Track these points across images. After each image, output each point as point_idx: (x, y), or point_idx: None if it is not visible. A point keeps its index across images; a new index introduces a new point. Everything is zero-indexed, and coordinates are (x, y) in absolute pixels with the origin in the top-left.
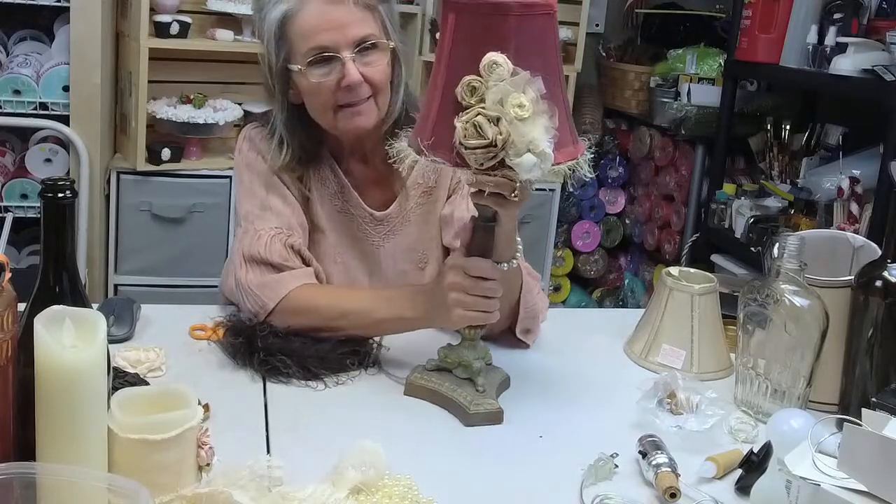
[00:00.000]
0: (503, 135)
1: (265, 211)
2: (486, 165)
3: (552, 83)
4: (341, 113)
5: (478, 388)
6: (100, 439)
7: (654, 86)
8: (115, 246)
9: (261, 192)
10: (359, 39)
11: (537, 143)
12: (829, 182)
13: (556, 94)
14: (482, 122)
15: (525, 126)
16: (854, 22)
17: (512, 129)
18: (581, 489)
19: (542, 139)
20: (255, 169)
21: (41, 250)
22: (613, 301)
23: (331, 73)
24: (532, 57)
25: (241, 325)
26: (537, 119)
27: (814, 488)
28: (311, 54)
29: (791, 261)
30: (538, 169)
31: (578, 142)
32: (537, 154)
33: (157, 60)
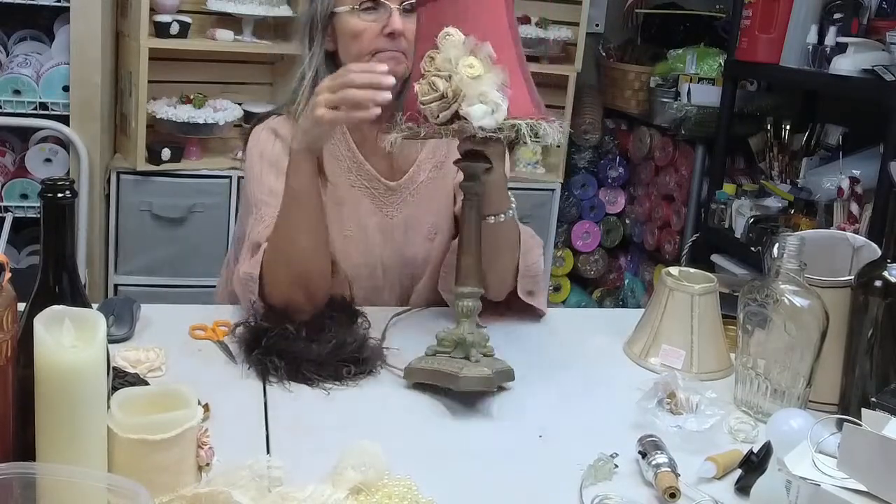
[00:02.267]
0: (454, 87)
1: (273, 197)
2: (443, 119)
3: (505, 54)
4: (376, 57)
5: (471, 357)
6: (100, 439)
7: (654, 86)
8: (115, 246)
9: (269, 179)
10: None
11: (488, 94)
12: (829, 182)
13: (511, 64)
14: (436, 80)
15: (476, 81)
16: (854, 22)
17: (463, 85)
18: (581, 489)
19: (491, 92)
20: (267, 156)
21: (41, 250)
22: (613, 301)
23: (376, 21)
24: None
25: (253, 321)
26: (488, 76)
27: (814, 488)
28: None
29: (791, 261)
30: (491, 118)
31: (543, 112)
32: (489, 104)
33: (157, 60)
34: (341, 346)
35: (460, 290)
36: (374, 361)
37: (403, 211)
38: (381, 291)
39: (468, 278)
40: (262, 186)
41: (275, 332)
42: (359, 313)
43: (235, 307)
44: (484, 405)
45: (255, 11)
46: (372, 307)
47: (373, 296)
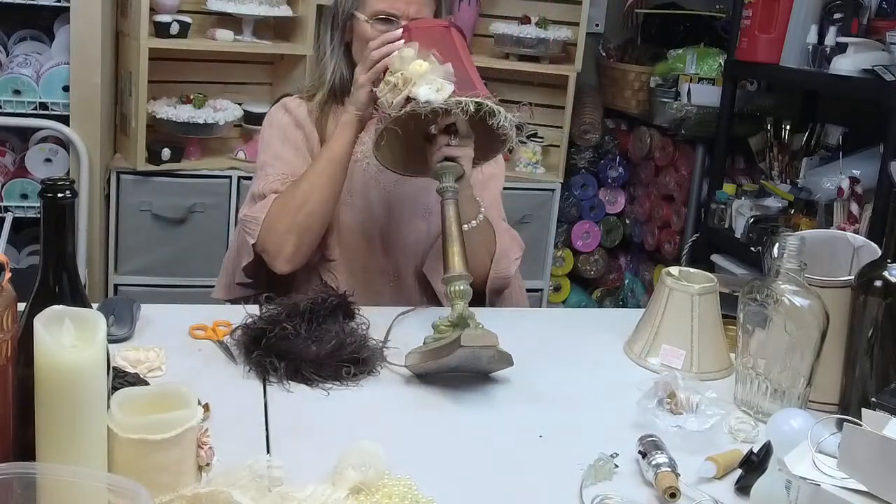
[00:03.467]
0: (403, 77)
1: (277, 160)
2: (397, 105)
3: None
4: None
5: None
6: (100, 439)
7: (654, 86)
8: (115, 246)
9: (277, 145)
10: (414, 14)
11: (434, 79)
12: (829, 182)
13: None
14: (390, 78)
15: (423, 77)
16: (854, 22)
17: (412, 75)
18: (581, 489)
19: (437, 80)
20: (277, 124)
21: (41, 250)
22: (613, 301)
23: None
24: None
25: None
26: (434, 69)
27: (814, 488)
28: (378, 13)
29: (791, 261)
30: (436, 95)
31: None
32: (434, 84)
33: (157, 60)
34: (341, 347)
35: (449, 275)
36: (373, 361)
37: (403, 187)
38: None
39: (456, 264)
40: (268, 150)
41: (274, 333)
42: (355, 312)
43: (236, 307)
44: (484, 405)
45: (255, 11)
46: (373, 307)
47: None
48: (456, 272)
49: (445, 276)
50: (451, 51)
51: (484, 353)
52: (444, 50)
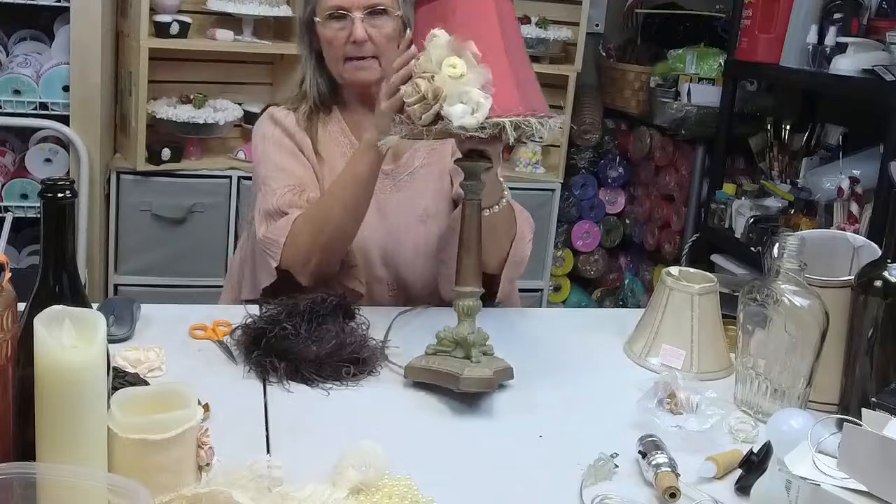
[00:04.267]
0: (434, 88)
1: (279, 172)
2: (426, 120)
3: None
4: (347, 64)
5: (472, 359)
6: (100, 439)
7: (654, 86)
8: (115, 246)
9: (274, 155)
10: (369, 4)
11: (469, 93)
12: (829, 182)
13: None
14: (419, 81)
15: (457, 81)
16: (854, 22)
17: (444, 85)
18: (581, 489)
19: (472, 91)
20: (271, 138)
21: (41, 250)
22: (613, 301)
23: (343, 29)
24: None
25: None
26: (470, 75)
27: (814, 488)
28: (328, 10)
29: (791, 261)
30: (471, 118)
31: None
32: (469, 103)
33: (157, 60)
34: (341, 347)
35: (460, 289)
36: (373, 362)
37: (397, 193)
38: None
39: (468, 278)
40: (268, 163)
41: (273, 333)
42: (356, 312)
43: (236, 307)
44: (484, 405)
45: (255, 11)
46: (374, 307)
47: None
48: (468, 288)
49: (456, 289)
50: (492, 34)
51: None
52: (483, 33)
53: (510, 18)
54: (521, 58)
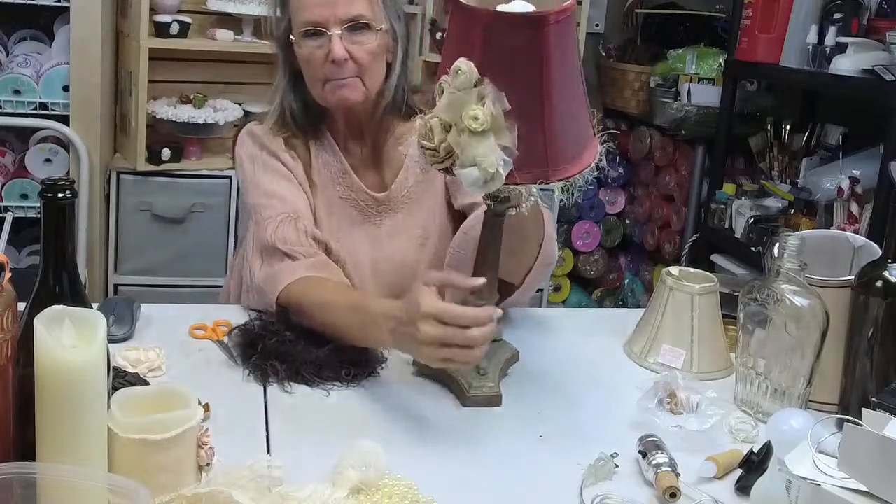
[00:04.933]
0: (446, 144)
1: (270, 198)
2: (439, 168)
3: (532, 100)
4: (328, 85)
5: (479, 370)
6: (100, 439)
7: (654, 86)
8: (115, 246)
9: (264, 180)
10: (348, 18)
11: (484, 158)
12: (829, 182)
13: (533, 112)
14: (435, 126)
15: (475, 139)
16: (854, 22)
17: (462, 140)
18: (581, 489)
19: (491, 156)
20: (258, 159)
21: (41, 250)
22: (613, 301)
23: (321, 47)
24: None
25: (249, 325)
26: (491, 134)
27: (814, 488)
28: (303, 27)
29: (791, 261)
30: (482, 186)
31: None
32: (482, 171)
33: (157, 60)
34: (341, 349)
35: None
36: (374, 363)
37: (391, 219)
38: None
39: (483, 293)
40: (257, 190)
41: (273, 339)
42: None
43: (236, 307)
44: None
45: (255, 11)
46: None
47: None
48: (482, 303)
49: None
50: (531, 78)
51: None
52: (519, 74)
53: (565, 40)
54: (569, 92)
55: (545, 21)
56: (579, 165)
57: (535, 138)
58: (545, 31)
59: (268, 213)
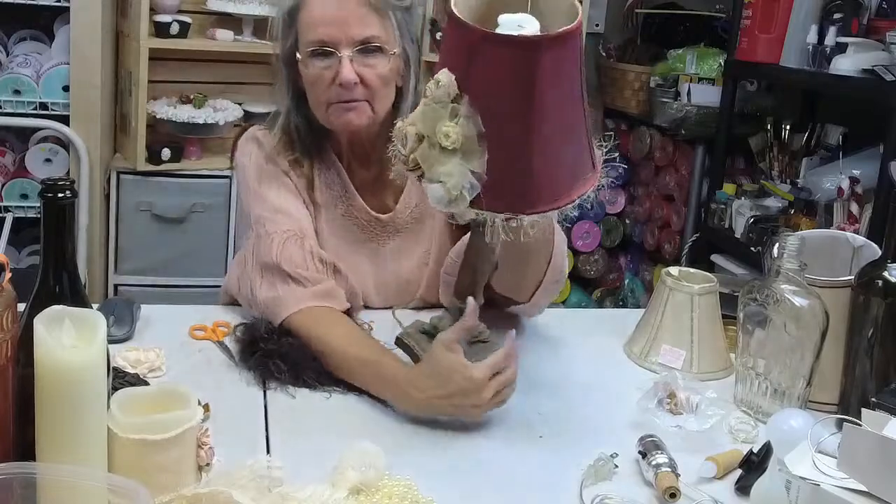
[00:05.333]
0: (416, 155)
1: (276, 213)
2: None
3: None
4: (333, 108)
5: None
6: (100, 439)
7: (654, 86)
8: (115, 246)
9: (270, 194)
10: (360, 40)
11: (449, 178)
12: (829, 182)
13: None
14: (410, 134)
15: (444, 156)
16: (854, 22)
17: (431, 154)
18: (581, 489)
19: (457, 177)
20: (264, 171)
21: (41, 250)
22: (613, 301)
23: (329, 68)
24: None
25: (250, 326)
26: (460, 155)
27: (814, 488)
28: (311, 46)
29: (791, 261)
30: (446, 205)
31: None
32: (446, 190)
33: (157, 60)
34: None
35: (459, 305)
36: None
37: (395, 240)
38: None
39: (465, 294)
40: (262, 202)
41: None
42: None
43: (236, 308)
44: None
45: (255, 11)
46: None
47: None
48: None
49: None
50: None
51: None
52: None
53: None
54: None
55: (537, 46)
56: (563, 201)
57: (512, 169)
58: (537, 56)
59: (272, 227)
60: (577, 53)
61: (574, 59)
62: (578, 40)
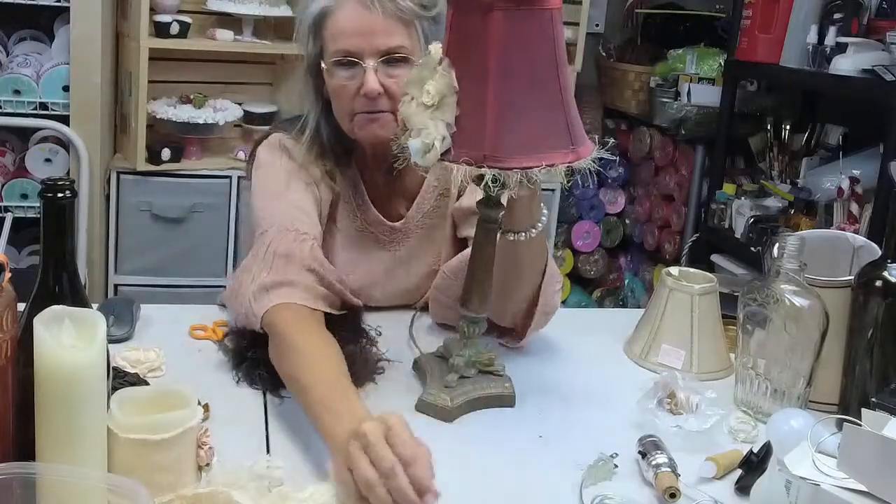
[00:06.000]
0: (402, 114)
1: (300, 213)
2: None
3: (476, 84)
4: (357, 118)
5: (446, 382)
6: (100, 439)
7: (654, 86)
8: (115, 246)
9: (296, 196)
10: (385, 50)
11: (428, 129)
12: (829, 182)
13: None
14: (404, 99)
15: (424, 112)
16: (854, 22)
17: (414, 111)
18: (581, 489)
19: (432, 129)
20: (294, 173)
21: (41, 250)
22: (613, 301)
23: (353, 79)
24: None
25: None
26: (437, 109)
27: (813, 488)
28: (336, 56)
29: (791, 261)
30: (422, 158)
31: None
32: (422, 142)
33: (157, 60)
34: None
35: (463, 312)
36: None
37: (405, 245)
38: None
39: (471, 301)
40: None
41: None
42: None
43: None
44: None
45: (255, 11)
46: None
47: None
48: (470, 313)
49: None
50: (478, 64)
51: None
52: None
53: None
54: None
55: (490, 6)
56: (525, 162)
57: (476, 121)
58: (490, 15)
59: (296, 225)
60: (546, 27)
61: (543, 32)
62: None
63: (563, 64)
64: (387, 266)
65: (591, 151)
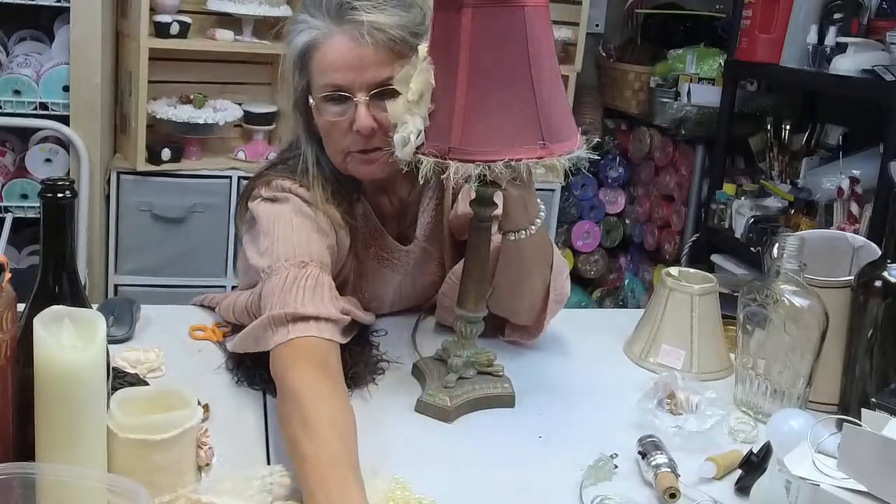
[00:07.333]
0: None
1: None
2: None
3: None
4: (350, 158)
5: (445, 383)
6: (99, 439)
7: (654, 86)
8: (115, 246)
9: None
10: (376, 83)
11: (406, 124)
12: (829, 182)
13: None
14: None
15: (406, 107)
16: (854, 22)
17: (399, 108)
18: (581, 489)
19: (409, 123)
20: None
21: (41, 250)
22: (613, 301)
23: (344, 114)
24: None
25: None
26: (416, 104)
27: (813, 488)
28: (325, 90)
29: (791, 261)
30: (401, 150)
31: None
32: (401, 135)
33: (157, 60)
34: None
35: (460, 313)
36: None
37: (412, 261)
38: None
39: (467, 302)
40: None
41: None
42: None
43: None
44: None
45: (255, 11)
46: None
47: None
48: (467, 313)
49: (456, 310)
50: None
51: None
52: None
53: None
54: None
55: (461, 3)
56: (493, 156)
57: (446, 115)
58: (461, 12)
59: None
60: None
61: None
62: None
63: (540, 61)
64: (396, 283)
65: (573, 149)
